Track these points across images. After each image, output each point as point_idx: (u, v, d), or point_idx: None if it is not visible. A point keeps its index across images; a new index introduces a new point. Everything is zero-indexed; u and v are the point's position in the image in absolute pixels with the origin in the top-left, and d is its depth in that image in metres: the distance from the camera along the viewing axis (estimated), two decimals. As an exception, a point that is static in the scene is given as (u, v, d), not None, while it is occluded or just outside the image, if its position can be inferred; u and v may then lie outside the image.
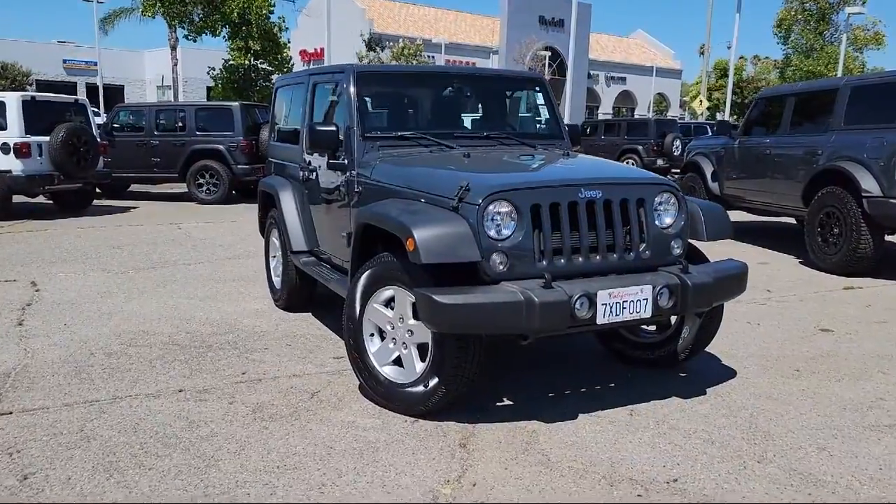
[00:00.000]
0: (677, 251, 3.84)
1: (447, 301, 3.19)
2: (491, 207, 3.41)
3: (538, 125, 5.16)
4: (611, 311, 3.43)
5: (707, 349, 4.47)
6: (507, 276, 3.41)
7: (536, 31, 46.39)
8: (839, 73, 36.94)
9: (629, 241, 3.71)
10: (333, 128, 4.44)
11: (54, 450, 3.29)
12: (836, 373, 4.44)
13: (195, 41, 23.92)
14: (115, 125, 13.94)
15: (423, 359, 3.64)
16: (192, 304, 6.01)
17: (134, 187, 14.89)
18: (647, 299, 3.50)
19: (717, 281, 3.69)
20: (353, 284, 3.87)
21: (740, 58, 48.41)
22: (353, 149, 4.42)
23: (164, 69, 33.80)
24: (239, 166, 13.37)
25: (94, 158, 11.52)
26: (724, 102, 34.82)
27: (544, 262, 3.49)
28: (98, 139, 12.02)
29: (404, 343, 3.70)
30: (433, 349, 3.52)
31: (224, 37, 23.26)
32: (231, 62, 23.35)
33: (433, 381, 3.54)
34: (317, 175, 4.98)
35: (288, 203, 5.47)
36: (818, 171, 7.59)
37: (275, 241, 5.96)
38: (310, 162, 5.11)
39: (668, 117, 35.82)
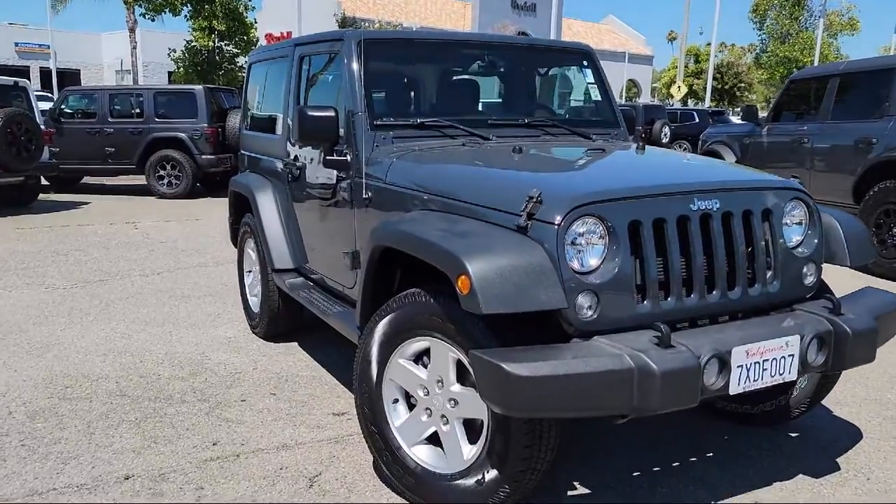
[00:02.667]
0: (810, 280, 2.82)
1: (526, 374, 2.12)
2: (575, 227, 2.35)
3: (588, 109, 4.09)
4: (748, 376, 2.40)
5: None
6: (596, 325, 2.36)
7: (509, 15, 45.11)
8: (815, 60, 36.50)
9: (753, 269, 2.68)
10: (332, 113, 3.33)
11: None
12: (984, 427, 3.48)
13: (153, 20, 22.36)
14: (64, 111, 12.54)
15: (472, 440, 2.57)
16: (148, 331, 4.85)
17: (86, 180, 13.50)
18: (793, 355, 2.48)
19: (881, 323, 2.67)
20: (369, 332, 2.79)
21: (707, 44, 47.88)
22: (358, 141, 3.32)
23: (123, 53, 32.10)
24: (203, 157, 12.09)
25: (37, 148, 10.16)
26: (704, 89, 34.13)
27: (647, 304, 2.44)
28: (42, 126, 10.68)
29: (444, 416, 2.62)
30: (492, 432, 2.45)
31: (186, 16, 21.76)
32: (194, 44, 21.86)
33: (491, 475, 2.47)
34: (307, 173, 3.87)
35: (267, 208, 4.34)
36: (874, 162, 6.66)
37: (250, 252, 4.83)
38: (296, 157, 3.99)
39: (656, 103, 35.03)
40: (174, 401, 3.70)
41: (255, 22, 22.87)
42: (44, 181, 11.68)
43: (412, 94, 3.79)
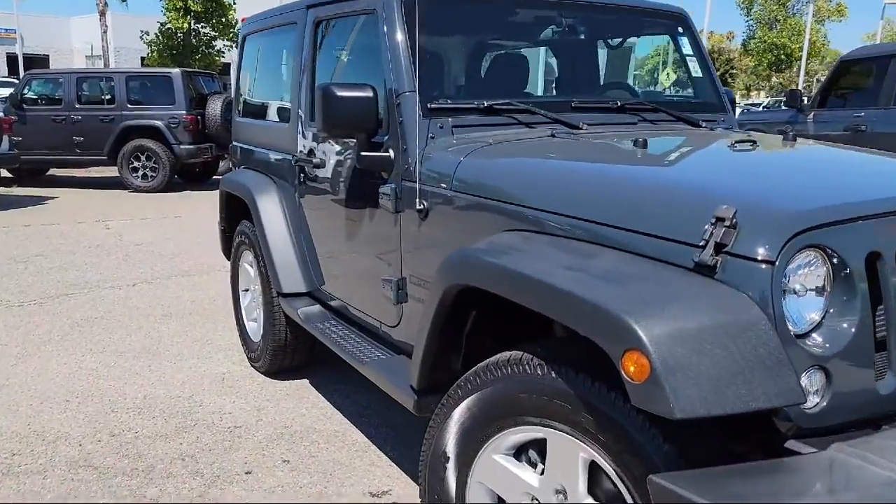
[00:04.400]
0: None
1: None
2: (795, 264, 1.50)
3: (687, 88, 3.22)
4: None
5: None
6: (823, 420, 1.51)
7: (494, -1, 44.21)
8: (805, 46, 35.98)
9: None
10: (369, 92, 2.44)
11: None
12: None
13: (125, 1, 21.11)
14: (27, 96, 11.44)
15: (613, 581, 1.71)
16: (122, 366, 3.94)
17: (52, 172, 12.42)
18: None
19: None
20: (444, 416, 1.92)
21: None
22: (407, 131, 2.43)
23: (94, 38, 30.67)
24: (182, 146, 11.09)
25: (-5, 138, 9.15)
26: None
27: (890, 381, 1.59)
28: (2, 114, 9.65)
29: (567, 542, 1.76)
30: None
31: (159, -3, 20.56)
32: (168, 26, 20.66)
33: None
34: (327, 173, 2.98)
35: (272, 216, 3.44)
36: (953, 153, 5.86)
37: (247, 268, 3.93)
38: (312, 151, 3.10)
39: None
40: (157, 474, 2.81)
41: (234, 3, 21.66)
42: (4, 174, 10.62)
43: (473, 67, 2.89)
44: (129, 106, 11.16)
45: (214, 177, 12.70)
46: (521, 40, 3.07)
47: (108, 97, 11.26)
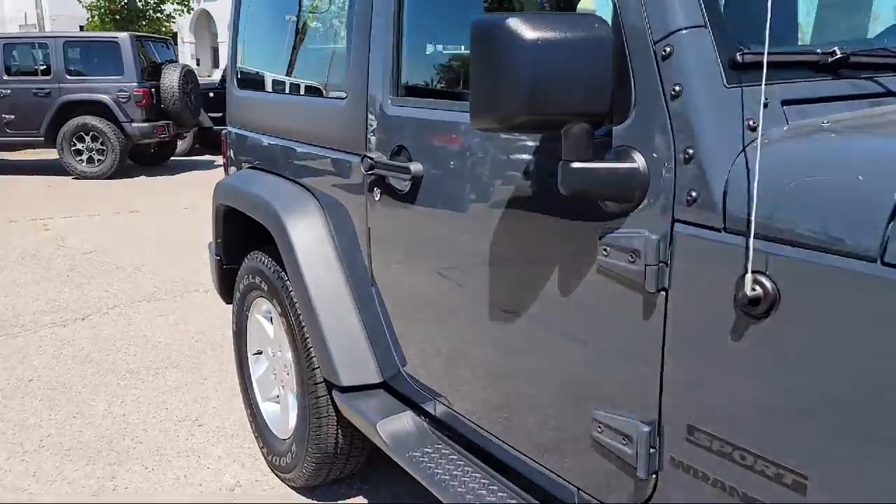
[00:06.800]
0: None
1: None
2: None
3: None
4: None
5: None
6: None
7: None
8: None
9: None
10: (602, 31, 1.09)
11: None
12: None
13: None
14: (-55, 68, 9.69)
15: None
16: (69, 478, 2.53)
17: (-20, 156, 10.70)
18: None
19: None
20: None
21: None
22: (698, 110, 1.09)
23: (28, 5, 28.17)
24: (133, 124, 9.50)
25: None
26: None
27: None
28: None
29: None
30: None
31: (99, -45, 18.53)
32: (110, -13, 18.67)
33: None
34: (446, 195, 1.61)
35: (318, 255, 2.05)
36: None
37: (262, 321, 2.53)
38: (402, 149, 1.72)
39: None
40: None
41: (184, -38, 19.72)
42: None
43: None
44: (69, 77, 9.52)
45: (172, 158, 11.12)
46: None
47: (42, 67, 9.60)
